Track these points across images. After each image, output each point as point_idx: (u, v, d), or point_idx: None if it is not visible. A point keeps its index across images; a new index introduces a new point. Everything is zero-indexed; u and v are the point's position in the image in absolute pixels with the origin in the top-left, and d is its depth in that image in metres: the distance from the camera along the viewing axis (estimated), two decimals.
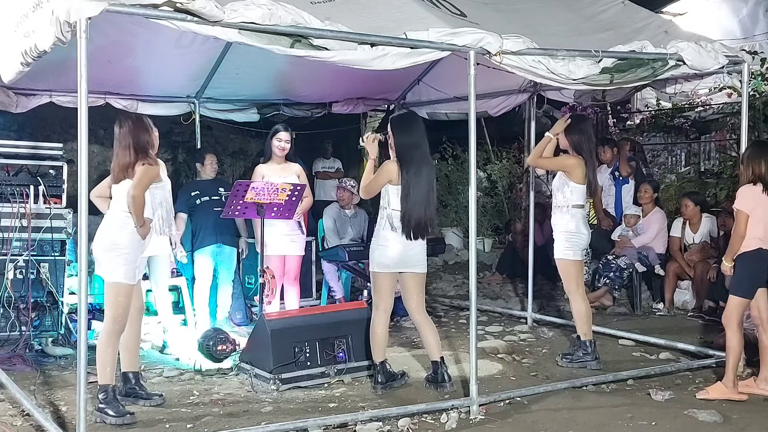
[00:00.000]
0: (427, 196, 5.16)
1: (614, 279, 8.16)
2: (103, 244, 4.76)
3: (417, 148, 5.16)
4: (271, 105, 8.49)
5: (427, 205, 5.17)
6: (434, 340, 5.33)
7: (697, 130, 11.90)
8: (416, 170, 5.12)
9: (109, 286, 4.79)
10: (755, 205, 5.08)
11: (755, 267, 5.15)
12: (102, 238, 4.78)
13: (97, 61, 4.51)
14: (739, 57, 5.86)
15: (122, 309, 4.77)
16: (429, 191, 5.19)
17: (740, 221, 5.09)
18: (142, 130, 4.84)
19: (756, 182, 5.10)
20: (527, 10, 6.01)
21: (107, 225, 4.80)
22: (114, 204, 4.82)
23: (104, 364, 4.77)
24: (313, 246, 8.17)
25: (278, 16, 4.23)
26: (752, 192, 5.10)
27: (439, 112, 8.67)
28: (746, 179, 5.15)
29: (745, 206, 5.08)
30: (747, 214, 5.06)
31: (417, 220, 5.12)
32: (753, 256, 5.11)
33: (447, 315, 8.10)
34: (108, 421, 4.64)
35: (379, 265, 5.23)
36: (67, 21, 3.76)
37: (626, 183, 8.75)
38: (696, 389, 5.33)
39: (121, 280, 4.74)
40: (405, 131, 5.22)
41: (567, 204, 5.89)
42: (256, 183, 6.21)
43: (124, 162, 4.76)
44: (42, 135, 9.01)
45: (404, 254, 5.18)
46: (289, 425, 4.53)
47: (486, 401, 4.97)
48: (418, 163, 5.14)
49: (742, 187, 5.15)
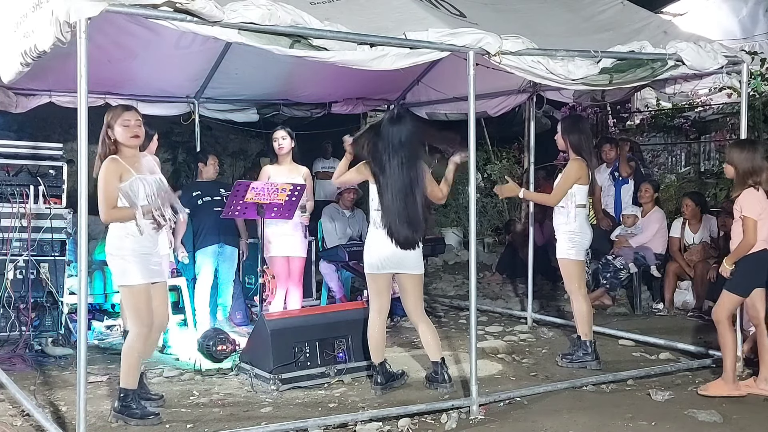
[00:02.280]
0: (403, 199, 5.05)
1: (610, 279, 8.18)
2: (110, 253, 4.69)
3: (390, 148, 5.09)
4: (271, 105, 8.50)
5: (405, 207, 5.06)
6: (434, 341, 5.32)
7: (697, 130, 11.90)
8: (389, 172, 5.07)
9: (124, 290, 4.72)
10: (761, 209, 5.05)
11: (758, 268, 5.15)
12: (108, 247, 4.70)
13: (97, 61, 4.50)
14: (739, 57, 5.86)
15: (143, 310, 4.65)
16: (406, 194, 5.05)
17: (750, 228, 5.02)
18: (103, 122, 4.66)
19: (752, 186, 5.08)
20: (526, 10, 6.01)
21: (110, 233, 4.70)
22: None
23: (130, 368, 4.68)
24: (314, 246, 8.18)
25: (278, 17, 4.23)
26: (756, 197, 5.07)
27: (439, 112, 8.68)
28: (740, 182, 5.12)
29: (752, 212, 5.03)
30: (755, 219, 5.02)
31: (392, 222, 5.08)
32: (757, 257, 5.10)
33: (447, 315, 8.10)
34: (131, 423, 4.61)
35: (369, 265, 5.24)
36: (67, 21, 3.77)
37: (625, 183, 8.75)
38: (696, 389, 5.34)
39: (133, 282, 4.63)
40: (380, 132, 5.24)
41: (570, 204, 5.89)
42: (256, 183, 6.22)
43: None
44: (42, 135, 9.02)
45: (392, 255, 5.14)
46: (289, 425, 4.53)
47: (486, 401, 4.98)
48: (391, 165, 5.07)
49: (744, 193, 5.09)
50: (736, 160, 5.16)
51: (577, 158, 5.90)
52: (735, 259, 5.16)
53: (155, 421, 4.65)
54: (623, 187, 8.76)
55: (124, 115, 4.67)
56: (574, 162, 5.89)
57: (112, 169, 4.60)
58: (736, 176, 5.18)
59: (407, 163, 5.09)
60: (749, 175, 5.09)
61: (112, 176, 4.59)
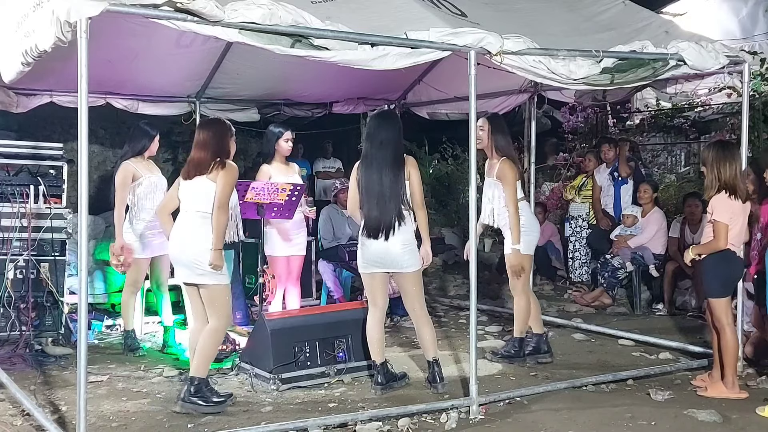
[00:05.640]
0: (378, 193, 5.11)
1: (608, 278, 8.18)
2: (202, 245, 4.86)
3: (370, 144, 5.18)
4: (272, 105, 8.49)
5: (380, 201, 5.10)
6: (430, 339, 5.31)
7: (697, 130, 11.90)
8: (367, 165, 5.17)
9: (221, 288, 4.92)
10: (732, 214, 5.14)
11: (725, 266, 5.22)
12: (207, 244, 4.85)
13: (98, 61, 4.50)
14: (740, 57, 5.86)
15: (229, 305, 5.02)
16: (384, 189, 5.09)
17: (721, 233, 5.12)
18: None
19: (724, 189, 5.13)
20: (528, 9, 6.01)
21: (206, 230, 4.87)
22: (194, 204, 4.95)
23: (207, 359, 4.93)
24: (313, 246, 8.18)
25: (279, 16, 4.23)
26: (727, 202, 5.14)
27: (440, 112, 8.68)
28: (712, 184, 5.18)
29: (723, 217, 5.12)
30: (726, 224, 5.12)
31: (369, 215, 5.15)
32: (721, 256, 5.18)
33: (447, 315, 8.10)
34: (200, 410, 4.80)
35: (360, 265, 5.31)
36: (68, 21, 3.77)
37: (625, 183, 8.75)
38: (696, 389, 5.35)
39: (228, 281, 4.97)
40: (367, 128, 5.36)
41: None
42: (256, 183, 6.21)
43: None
44: (42, 135, 8.99)
45: (374, 253, 5.17)
46: (289, 425, 4.53)
47: (486, 401, 4.98)
48: (370, 160, 5.16)
49: (716, 198, 5.16)
50: (708, 162, 5.23)
51: (504, 158, 5.84)
52: (700, 251, 5.27)
53: (230, 403, 4.94)
54: (623, 188, 8.76)
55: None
56: (506, 163, 5.80)
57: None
58: (707, 178, 5.24)
59: (386, 162, 5.13)
60: (721, 178, 5.15)
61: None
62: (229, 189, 4.92)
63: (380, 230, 5.12)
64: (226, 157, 4.95)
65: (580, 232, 9.05)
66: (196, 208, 4.91)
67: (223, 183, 4.85)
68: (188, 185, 4.96)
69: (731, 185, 5.13)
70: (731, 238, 5.15)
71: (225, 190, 4.86)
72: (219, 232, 4.84)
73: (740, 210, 5.18)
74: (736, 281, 5.48)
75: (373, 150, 5.18)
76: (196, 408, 4.81)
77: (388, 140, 5.16)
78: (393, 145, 5.17)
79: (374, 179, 5.14)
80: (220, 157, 4.91)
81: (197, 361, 4.91)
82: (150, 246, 6.39)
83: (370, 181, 5.15)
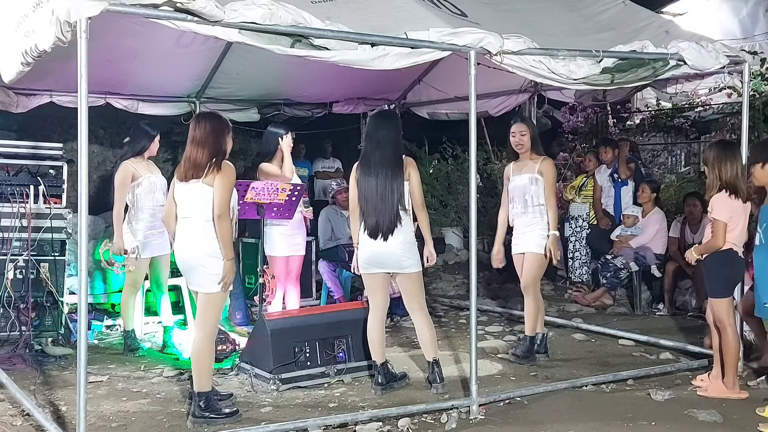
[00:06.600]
0: (377, 193, 5.10)
1: (610, 279, 8.18)
2: (213, 256, 4.63)
3: (369, 144, 5.19)
4: (272, 105, 8.50)
5: (379, 201, 5.10)
6: (430, 339, 5.31)
7: (697, 130, 11.89)
8: (366, 165, 5.17)
9: (217, 296, 4.70)
10: (731, 213, 5.14)
11: (727, 266, 5.22)
12: (207, 249, 4.64)
13: (98, 61, 4.50)
14: (740, 57, 5.85)
15: (219, 316, 4.83)
16: (382, 190, 5.09)
17: (720, 231, 5.13)
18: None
19: (724, 188, 5.15)
20: (528, 9, 6.01)
21: (211, 235, 4.65)
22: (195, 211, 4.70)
23: (204, 371, 4.71)
24: (313, 246, 8.18)
25: (279, 16, 4.23)
26: (727, 201, 5.15)
27: (440, 112, 8.68)
28: (713, 183, 5.20)
29: (722, 216, 5.13)
30: (725, 223, 5.13)
31: (368, 216, 5.15)
32: (723, 256, 5.18)
33: (447, 315, 8.10)
34: (213, 424, 4.61)
35: (360, 265, 5.31)
36: (68, 21, 3.76)
37: (625, 185, 8.74)
38: (696, 389, 5.34)
39: (221, 289, 4.69)
40: (366, 128, 5.36)
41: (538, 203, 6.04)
42: (256, 183, 6.21)
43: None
44: (42, 135, 8.99)
45: (374, 254, 5.17)
46: (289, 425, 4.53)
47: (486, 401, 4.97)
48: (369, 161, 5.16)
49: (716, 197, 5.17)
50: (710, 162, 5.26)
51: (545, 156, 6.09)
52: (702, 251, 5.28)
53: (241, 413, 4.76)
54: (623, 189, 8.76)
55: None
56: (548, 160, 6.07)
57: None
58: (709, 177, 5.26)
59: (385, 162, 5.13)
60: (722, 177, 5.17)
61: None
62: (228, 194, 4.67)
63: (380, 231, 5.12)
64: (222, 157, 4.69)
65: (580, 232, 9.05)
66: (199, 215, 4.65)
67: (221, 189, 4.60)
68: (185, 188, 4.70)
69: (732, 185, 5.14)
70: (732, 238, 5.15)
71: (224, 195, 4.60)
72: (226, 241, 4.62)
73: (741, 209, 5.18)
74: (737, 281, 5.49)
75: (372, 150, 5.18)
76: (208, 422, 4.62)
77: (387, 140, 5.16)
78: (392, 144, 5.17)
79: (373, 179, 5.14)
80: (217, 157, 4.65)
81: (196, 376, 4.71)
82: (150, 246, 6.39)
83: (369, 181, 5.16)
